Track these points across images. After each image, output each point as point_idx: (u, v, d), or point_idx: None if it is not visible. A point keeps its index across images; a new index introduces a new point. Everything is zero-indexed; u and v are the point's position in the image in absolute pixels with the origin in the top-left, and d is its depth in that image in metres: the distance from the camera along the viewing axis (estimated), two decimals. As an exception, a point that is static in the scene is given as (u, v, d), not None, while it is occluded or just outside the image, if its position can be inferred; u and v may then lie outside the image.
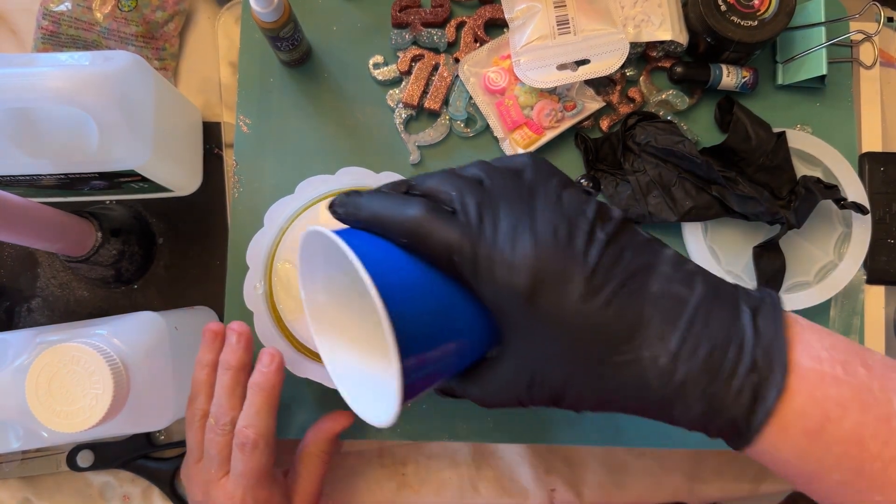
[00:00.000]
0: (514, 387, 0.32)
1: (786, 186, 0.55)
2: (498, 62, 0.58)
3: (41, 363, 0.42)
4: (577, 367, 0.30)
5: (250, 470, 0.46)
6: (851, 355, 0.30)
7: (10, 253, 0.59)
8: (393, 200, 0.32)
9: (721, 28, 0.53)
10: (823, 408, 0.28)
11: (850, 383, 0.29)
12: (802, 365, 0.29)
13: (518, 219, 0.30)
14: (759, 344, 0.29)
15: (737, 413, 0.29)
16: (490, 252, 0.29)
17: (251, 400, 0.47)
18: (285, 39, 0.54)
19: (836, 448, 0.28)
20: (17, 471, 0.58)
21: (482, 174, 0.32)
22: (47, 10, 0.59)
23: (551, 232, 0.29)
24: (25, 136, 0.48)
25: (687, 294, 0.30)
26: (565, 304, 0.29)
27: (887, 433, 0.28)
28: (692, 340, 0.29)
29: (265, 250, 0.50)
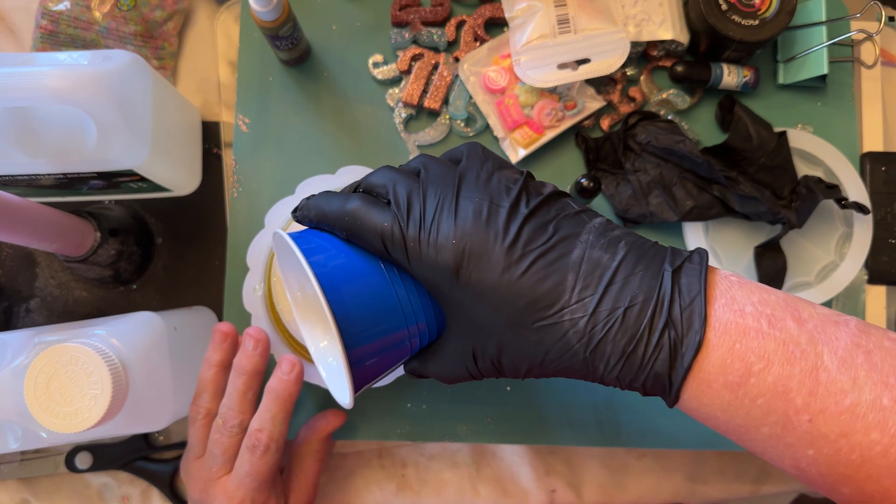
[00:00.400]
0: (461, 361, 0.34)
1: (787, 186, 0.55)
2: (498, 61, 0.57)
3: (39, 363, 0.41)
4: (507, 336, 0.32)
5: (256, 471, 0.46)
6: (782, 310, 0.30)
7: (9, 253, 0.59)
8: (337, 198, 0.35)
9: (722, 27, 0.53)
10: (745, 361, 0.29)
11: (776, 336, 0.29)
12: (723, 319, 0.29)
13: (444, 201, 0.32)
14: (677, 301, 0.30)
15: (660, 369, 0.30)
16: (417, 234, 0.32)
17: (267, 405, 0.46)
18: (284, 38, 0.54)
19: (761, 401, 0.29)
20: (16, 472, 0.58)
21: (420, 166, 0.35)
22: (46, 9, 0.59)
23: (473, 211, 0.32)
24: (24, 136, 0.48)
25: (608, 258, 0.31)
26: (488, 277, 0.31)
27: (813, 385, 0.28)
28: (610, 302, 0.30)
29: (265, 252, 0.50)
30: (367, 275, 0.33)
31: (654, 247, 0.32)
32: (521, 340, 0.31)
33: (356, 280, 0.33)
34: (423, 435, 0.56)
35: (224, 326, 0.49)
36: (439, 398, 0.56)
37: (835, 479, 0.29)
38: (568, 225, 0.32)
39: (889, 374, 0.28)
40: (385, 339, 0.33)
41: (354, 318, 0.32)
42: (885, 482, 0.27)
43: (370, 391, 0.56)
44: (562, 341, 0.31)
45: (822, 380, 0.28)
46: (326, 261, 0.33)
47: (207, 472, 0.47)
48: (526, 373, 0.33)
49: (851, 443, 0.28)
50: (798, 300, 0.31)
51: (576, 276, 0.31)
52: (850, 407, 0.28)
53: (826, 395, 0.28)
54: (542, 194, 0.33)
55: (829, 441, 0.28)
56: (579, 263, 0.31)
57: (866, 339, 0.29)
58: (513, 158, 0.57)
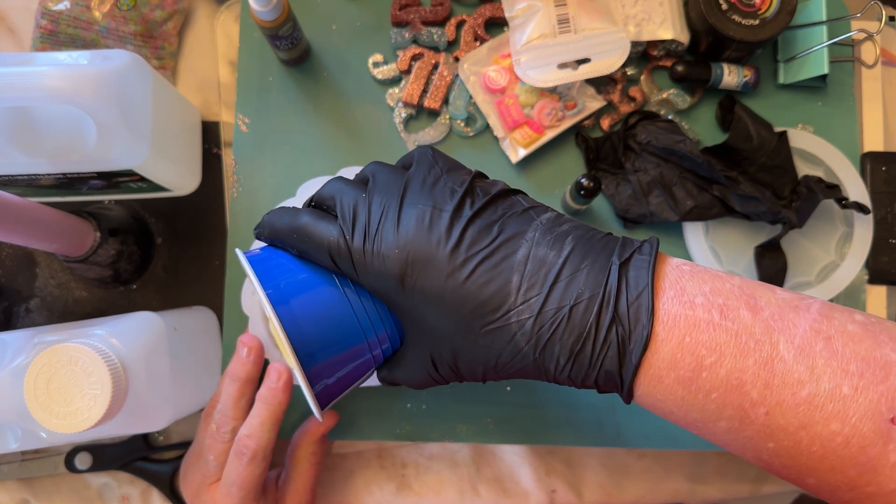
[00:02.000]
0: (422, 367, 0.34)
1: (787, 186, 0.55)
2: (498, 61, 0.57)
3: (39, 363, 0.41)
4: (458, 342, 0.31)
5: (243, 480, 0.45)
6: (736, 298, 0.29)
7: (9, 253, 0.59)
8: (288, 214, 0.34)
9: (722, 27, 0.53)
10: (696, 355, 0.28)
11: (727, 328, 0.28)
12: (672, 312, 0.28)
13: (388, 210, 0.32)
14: (624, 295, 0.29)
15: (609, 366, 0.29)
16: (362, 245, 0.31)
17: (257, 411, 0.46)
18: (284, 38, 0.54)
19: (715, 395, 0.28)
20: (16, 472, 0.58)
21: (370, 174, 0.34)
22: (46, 8, 0.59)
23: (416, 217, 0.31)
24: (24, 136, 0.48)
25: (553, 256, 0.30)
26: (433, 283, 0.30)
27: (768, 377, 0.27)
28: (556, 300, 0.29)
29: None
30: (319, 291, 0.33)
31: (602, 239, 0.31)
32: (473, 345, 0.31)
33: (309, 297, 0.33)
34: (423, 435, 0.56)
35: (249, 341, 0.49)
36: (439, 398, 0.56)
37: (799, 470, 0.28)
38: (514, 224, 0.31)
39: (850, 360, 0.27)
40: (344, 353, 0.33)
41: (309, 336, 0.32)
42: (849, 472, 0.27)
43: (370, 391, 0.56)
44: (511, 344, 0.30)
45: (777, 371, 0.27)
46: (279, 279, 0.33)
47: (201, 476, 0.48)
48: (483, 376, 0.33)
49: (811, 434, 0.27)
50: (757, 286, 0.30)
51: (521, 276, 0.30)
52: (808, 398, 0.27)
53: (782, 387, 0.27)
54: (490, 194, 0.32)
55: (788, 433, 0.27)
56: (524, 263, 0.30)
57: (828, 325, 0.28)
58: (513, 158, 0.57)
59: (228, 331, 0.56)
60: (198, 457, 0.49)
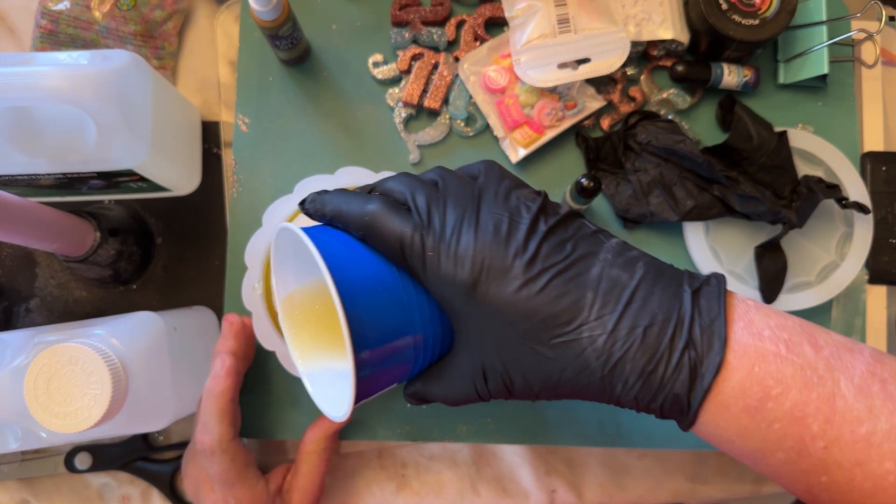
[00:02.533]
0: (469, 379, 0.34)
1: (787, 186, 0.55)
2: (498, 61, 0.57)
3: (39, 363, 0.41)
4: (521, 353, 0.31)
5: (218, 474, 0.47)
6: (799, 335, 0.30)
7: (9, 253, 0.59)
8: (354, 197, 0.34)
9: (722, 27, 0.53)
10: (764, 384, 0.29)
11: (794, 361, 0.29)
12: (743, 342, 0.29)
13: (464, 215, 0.32)
14: (697, 322, 0.30)
15: (679, 390, 0.29)
16: (436, 244, 0.31)
17: (204, 406, 0.47)
18: (284, 38, 0.54)
19: (777, 426, 0.29)
20: (16, 472, 0.58)
21: (438, 178, 0.35)
22: (46, 8, 0.59)
23: (493, 226, 0.32)
24: (24, 136, 0.48)
25: (626, 277, 0.31)
26: (505, 292, 0.30)
27: (830, 412, 0.28)
28: (630, 320, 0.30)
29: (264, 250, 0.50)
30: (380, 275, 0.32)
31: (671, 268, 0.32)
32: (537, 357, 0.31)
33: (368, 279, 0.32)
34: (423, 435, 0.56)
35: (232, 318, 0.50)
36: (439, 398, 0.56)
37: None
38: (585, 244, 0.32)
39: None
40: (392, 344, 0.32)
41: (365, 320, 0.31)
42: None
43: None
44: (579, 359, 0.30)
45: (838, 407, 0.28)
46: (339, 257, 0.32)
47: (197, 470, 0.49)
48: (538, 393, 0.32)
49: (865, 471, 0.28)
50: (814, 326, 0.31)
51: (594, 293, 0.30)
52: (866, 436, 0.28)
53: (842, 423, 0.28)
54: (559, 214, 0.33)
55: (843, 469, 0.28)
56: (598, 281, 0.31)
57: (881, 368, 0.29)
58: (513, 158, 0.57)
59: (228, 331, 0.56)
60: (195, 450, 0.49)
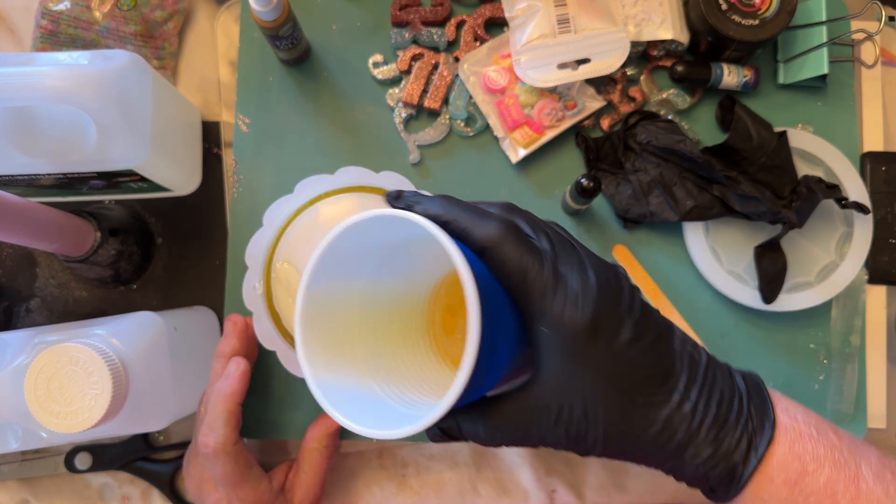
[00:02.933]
0: (537, 418, 0.33)
1: (787, 186, 0.55)
2: (498, 61, 0.57)
3: (40, 363, 0.41)
4: (611, 405, 0.32)
5: (221, 476, 0.46)
6: (822, 423, 0.34)
7: (9, 253, 0.59)
8: (472, 210, 0.33)
9: (722, 27, 0.53)
10: (802, 461, 0.32)
11: (824, 443, 0.33)
12: (782, 421, 0.33)
13: (583, 259, 0.33)
14: (752, 401, 0.33)
15: (737, 459, 0.32)
16: (564, 280, 0.32)
17: (213, 406, 0.47)
18: (284, 38, 0.54)
19: (812, 499, 0.32)
20: (16, 472, 0.58)
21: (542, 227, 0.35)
22: (46, 9, 0.59)
23: (606, 277, 0.33)
24: (24, 136, 0.48)
25: (697, 356, 0.34)
26: (616, 344, 0.31)
27: (855, 492, 0.32)
28: (707, 394, 0.33)
29: (264, 250, 0.50)
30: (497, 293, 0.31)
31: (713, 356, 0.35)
32: (626, 412, 0.32)
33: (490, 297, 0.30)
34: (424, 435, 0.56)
35: (236, 318, 0.51)
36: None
37: None
38: (662, 319, 0.34)
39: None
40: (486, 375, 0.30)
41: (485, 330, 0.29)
42: None
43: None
44: (665, 421, 0.32)
45: (862, 488, 0.32)
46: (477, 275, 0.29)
47: (198, 469, 0.49)
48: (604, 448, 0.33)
49: None
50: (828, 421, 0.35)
51: (681, 363, 0.33)
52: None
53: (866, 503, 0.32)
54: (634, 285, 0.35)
55: None
56: (680, 354, 0.33)
57: (889, 461, 0.34)
58: (513, 158, 0.57)
59: (229, 331, 0.56)
60: (197, 451, 0.49)
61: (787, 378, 0.56)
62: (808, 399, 0.56)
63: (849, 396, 0.56)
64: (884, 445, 0.58)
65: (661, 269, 0.57)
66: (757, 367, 0.56)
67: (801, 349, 0.57)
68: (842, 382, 0.56)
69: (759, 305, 0.55)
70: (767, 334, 0.57)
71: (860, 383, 0.56)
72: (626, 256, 0.57)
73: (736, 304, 0.56)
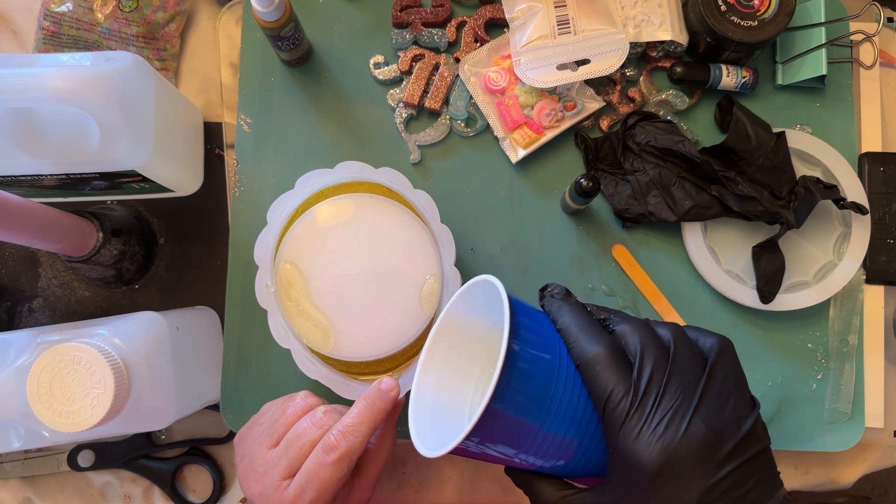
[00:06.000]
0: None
1: (785, 186, 0.55)
2: (498, 62, 0.58)
3: (42, 363, 0.42)
4: None
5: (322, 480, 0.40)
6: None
7: (12, 253, 0.59)
8: (588, 327, 0.36)
9: (721, 28, 0.54)
10: None
11: None
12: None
13: (680, 405, 0.32)
14: None
15: None
16: (640, 420, 0.32)
17: (357, 410, 0.41)
18: (286, 39, 0.54)
19: None
20: (19, 471, 0.58)
21: (672, 340, 0.35)
22: (48, 10, 0.59)
23: (701, 435, 0.32)
24: (27, 137, 0.48)
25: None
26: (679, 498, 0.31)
27: None
28: None
29: (271, 249, 0.50)
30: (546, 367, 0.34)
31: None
32: None
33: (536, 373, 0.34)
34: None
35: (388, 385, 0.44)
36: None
37: None
38: (763, 487, 0.33)
39: None
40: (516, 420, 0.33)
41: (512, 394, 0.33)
42: None
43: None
44: None
45: None
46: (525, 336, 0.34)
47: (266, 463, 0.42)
48: None
49: None
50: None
51: None
52: None
53: None
54: (762, 443, 0.34)
55: None
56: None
57: None
58: (513, 158, 0.57)
59: (230, 330, 0.56)
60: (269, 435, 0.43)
61: (784, 377, 0.56)
62: (806, 399, 0.56)
63: (846, 396, 0.56)
64: (881, 445, 0.58)
65: (660, 268, 0.57)
66: (755, 367, 0.56)
67: (799, 349, 0.57)
68: (839, 382, 0.56)
69: (758, 305, 0.55)
70: (765, 334, 0.57)
71: (858, 383, 0.56)
72: (624, 256, 0.57)
73: (734, 304, 0.56)
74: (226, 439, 0.59)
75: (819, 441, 0.56)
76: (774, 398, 0.56)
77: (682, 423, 0.32)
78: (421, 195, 0.50)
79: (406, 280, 0.49)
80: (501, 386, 0.32)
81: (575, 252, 0.57)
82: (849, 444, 0.55)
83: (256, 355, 0.56)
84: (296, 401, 0.44)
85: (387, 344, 0.49)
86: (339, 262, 0.49)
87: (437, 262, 0.50)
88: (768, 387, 0.56)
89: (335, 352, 0.49)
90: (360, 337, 0.49)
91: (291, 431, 0.42)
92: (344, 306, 0.49)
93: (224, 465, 0.59)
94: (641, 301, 0.57)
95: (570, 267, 0.57)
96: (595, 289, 0.57)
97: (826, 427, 0.56)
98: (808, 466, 0.59)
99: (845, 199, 0.54)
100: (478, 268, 0.57)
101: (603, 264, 0.57)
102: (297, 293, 0.49)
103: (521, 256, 0.57)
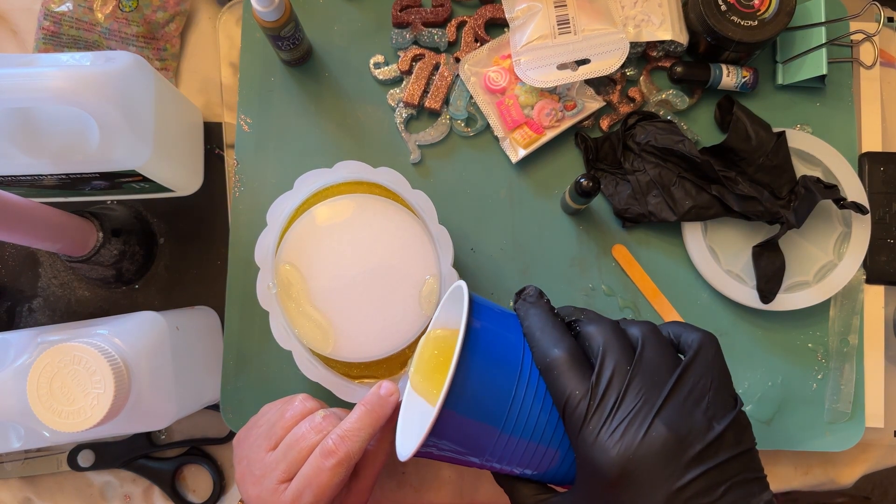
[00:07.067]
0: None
1: (785, 186, 0.55)
2: (498, 62, 0.58)
3: (42, 363, 0.42)
4: None
5: (320, 484, 0.39)
6: None
7: (12, 253, 0.59)
8: (550, 331, 0.35)
9: (721, 28, 0.54)
10: None
11: None
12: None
13: (641, 408, 0.31)
14: None
15: None
16: (599, 426, 0.31)
17: (357, 415, 0.41)
18: (286, 39, 0.54)
19: None
20: (19, 470, 0.58)
21: (640, 338, 0.34)
22: (48, 10, 0.59)
23: (663, 439, 0.30)
24: (26, 137, 0.48)
25: None
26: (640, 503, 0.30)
27: None
28: None
29: (271, 250, 0.50)
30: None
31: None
32: None
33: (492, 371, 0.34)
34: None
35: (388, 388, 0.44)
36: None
37: None
38: (738, 492, 0.31)
39: None
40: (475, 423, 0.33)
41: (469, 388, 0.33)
42: None
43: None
44: None
45: None
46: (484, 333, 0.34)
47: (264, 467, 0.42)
48: None
49: None
50: None
51: None
52: None
53: None
54: (740, 445, 0.32)
55: None
56: None
57: None
58: (513, 158, 0.57)
59: (230, 330, 0.56)
60: (267, 438, 0.42)
61: (784, 377, 0.56)
62: (806, 399, 0.56)
63: (847, 396, 0.56)
64: (881, 445, 0.58)
65: (660, 268, 0.57)
66: (755, 367, 0.56)
67: (799, 349, 0.57)
68: (840, 382, 0.56)
69: (758, 305, 0.55)
70: (765, 334, 0.57)
71: (858, 383, 0.56)
72: (624, 256, 0.57)
73: (734, 304, 0.56)
74: (226, 439, 0.59)
75: (819, 441, 0.56)
76: (774, 398, 0.56)
77: (643, 427, 0.31)
78: (419, 195, 0.50)
79: (405, 280, 0.49)
80: (456, 390, 0.32)
81: (575, 252, 0.57)
82: (849, 444, 0.55)
83: (256, 355, 0.56)
84: (294, 404, 0.44)
85: (387, 344, 0.49)
86: (339, 263, 0.49)
87: (437, 263, 0.50)
88: (768, 387, 0.56)
89: (335, 353, 0.49)
90: (360, 337, 0.49)
91: (290, 435, 0.42)
92: (343, 307, 0.49)
93: (224, 466, 0.59)
94: (641, 301, 0.57)
95: (570, 267, 0.57)
96: (595, 289, 0.57)
97: (826, 427, 0.56)
98: (808, 466, 0.59)
99: (845, 199, 0.54)
100: (478, 268, 0.57)
101: (603, 264, 0.57)
102: (296, 294, 0.49)
103: (520, 256, 0.57)
